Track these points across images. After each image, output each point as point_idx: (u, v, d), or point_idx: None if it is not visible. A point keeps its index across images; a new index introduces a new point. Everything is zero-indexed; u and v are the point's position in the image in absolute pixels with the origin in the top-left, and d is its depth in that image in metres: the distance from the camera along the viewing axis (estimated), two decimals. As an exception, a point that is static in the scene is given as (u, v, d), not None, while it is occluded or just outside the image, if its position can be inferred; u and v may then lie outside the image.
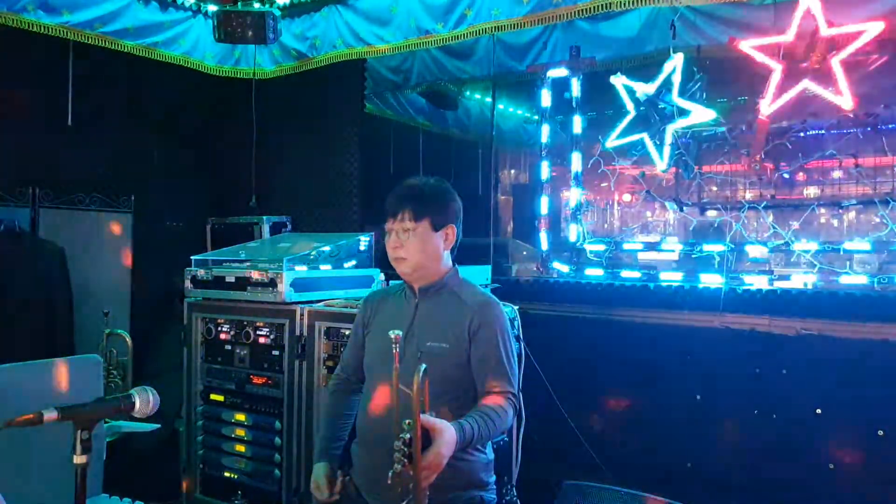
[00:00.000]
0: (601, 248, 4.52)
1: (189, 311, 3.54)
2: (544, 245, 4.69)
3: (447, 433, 1.72)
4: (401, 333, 1.71)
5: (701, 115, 4.18)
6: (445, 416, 1.79)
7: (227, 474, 3.40)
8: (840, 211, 4.70)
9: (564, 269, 4.53)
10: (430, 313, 2.10)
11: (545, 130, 4.78)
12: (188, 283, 3.49)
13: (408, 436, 1.62)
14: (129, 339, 3.89)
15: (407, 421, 1.64)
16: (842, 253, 3.82)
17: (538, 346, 3.36)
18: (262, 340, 3.31)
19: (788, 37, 3.74)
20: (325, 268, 3.41)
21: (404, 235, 2.06)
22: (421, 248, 2.06)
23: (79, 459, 1.51)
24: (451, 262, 2.18)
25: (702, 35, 4.37)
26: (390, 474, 1.65)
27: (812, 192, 5.02)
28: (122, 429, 2.97)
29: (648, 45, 4.67)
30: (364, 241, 3.69)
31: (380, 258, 3.72)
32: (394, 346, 1.68)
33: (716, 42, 4.35)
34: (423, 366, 1.67)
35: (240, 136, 5.29)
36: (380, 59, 5.05)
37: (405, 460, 1.63)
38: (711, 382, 3.55)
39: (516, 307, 3.10)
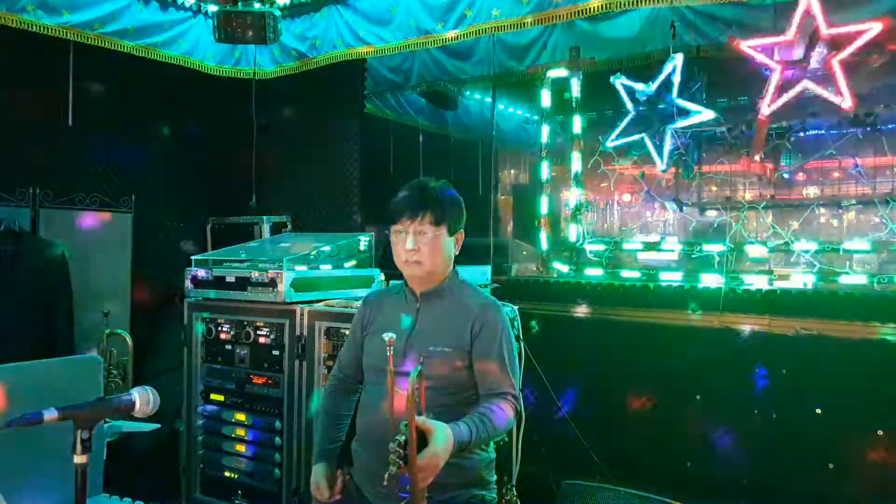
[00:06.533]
0: (601, 248, 4.53)
1: (189, 310, 3.54)
2: (544, 245, 4.69)
3: (443, 435, 1.72)
4: (394, 336, 1.71)
5: (701, 115, 4.19)
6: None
7: (227, 474, 3.40)
8: (840, 211, 4.69)
9: (564, 269, 4.53)
10: (431, 317, 2.09)
11: (545, 130, 4.78)
12: (188, 283, 3.49)
13: (402, 438, 1.62)
14: (129, 339, 3.89)
15: (402, 423, 1.64)
16: (841, 253, 3.82)
17: (538, 346, 3.36)
18: (262, 340, 3.31)
19: (788, 37, 3.74)
20: (325, 268, 3.42)
21: (422, 239, 2.03)
22: (438, 252, 2.05)
23: (79, 459, 1.51)
24: (452, 264, 2.18)
25: (702, 35, 4.37)
26: (386, 476, 1.65)
27: (812, 192, 5.02)
28: (122, 429, 2.97)
29: (648, 46, 4.67)
30: (364, 241, 3.69)
31: (380, 258, 3.72)
32: (388, 348, 1.68)
33: (716, 42, 4.36)
34: (418, 367, 1.67)
35: (240, 136, 5.29)
36: (380, 59, 5.05)
37: (400, 462, 1.63)
38: (711, 382, 3.56)
39: (516, 307, 3.10)
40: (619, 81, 4.41)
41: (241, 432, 3.36)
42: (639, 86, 4.34)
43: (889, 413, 3.12)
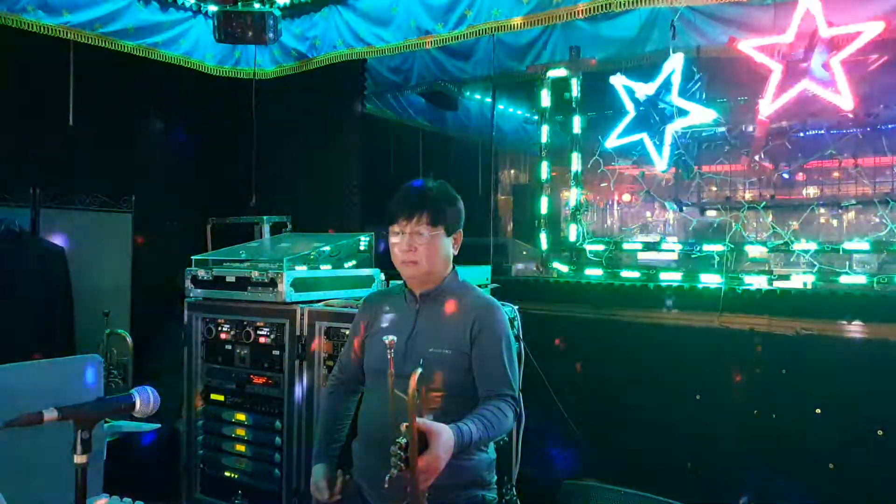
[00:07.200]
0: (601, 248, 4.53)
1: (189, 310, 3.54)
2: (544, 245, 4.69)
3: (444, 436, 1.72)
4: (395, 338, 1.71)
5: (701, 115, 4.19)
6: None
7: (227, 474, 3.40)
8: (839, 211, 4.70)
9: (564, 269, 4.53)
10: (431, 319, 2.09)
11: (545, 130, 4.78)
12: (188, 283, 3.49)
13: (404, 440, 1.62)
14: (129, 339, 3.89)
15: (404, 424, 1.64)
16: (841, 253, 3.82)
17: (538, 346, 3.36)
18: (262, 340, 3.31)
19: (788, 37, 3.74)
20: (325, 268, 3.42)
21: (419, 240, 2.03)
22: (435, 253, 2.05)
23: (79, 459, 1.51)
24: (452, 265, 2.17)
25: (702, 35, 4.37)
26: (387, 478, 1.65)
27: (812, 192, 5.02)
28: (122, 429, 2.97)
29: (648, 45, 4.67)
30: (364, 241, 3.69)
31: (380, 258, 3.72)
32: (388, 351, 1.68)
33: (716, 42, 4.36)
34: (419, 370, 1.66)
35: (240, 136, 5.30)
36: (380, 59, 5.05)
37: (401, 464, 1.62)
38: (711, 382, 3.55)
39: (516, 307, 3.10)
40: (619, 81, 4.41)
41: (241, 432, 3.36)
42: (638, 86, 4.34)
43: (889, 413, 3.12)
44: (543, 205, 4.72)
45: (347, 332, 2.42)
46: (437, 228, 2.04)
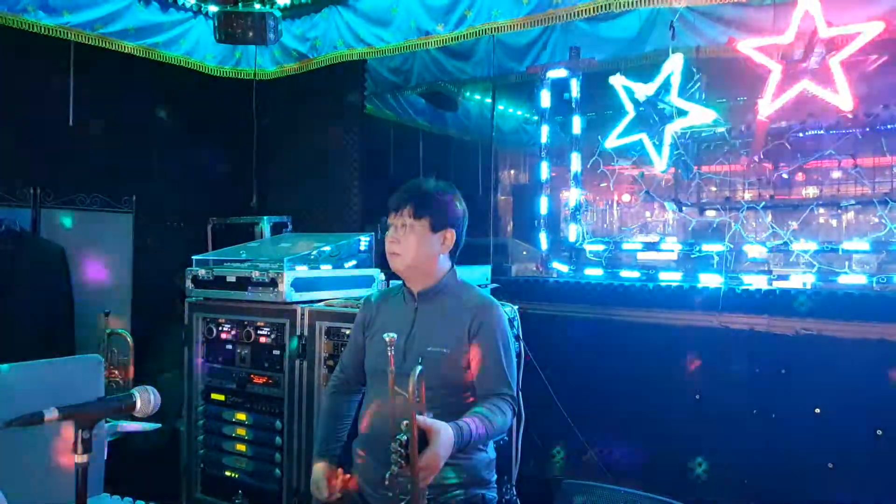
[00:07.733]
0: (600, 248, 4.53)
1: (190, 310, 3.54)
2: (544, 245, 4.69)
3: (444, 434, 1.72)
4: (395, 336, 1.72)
5: (700, 115, 4.18)
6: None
7: (227, 474, 3.40)
8: (839, 211, 4.70)
9: (564, 269, 4.53)
10: (430, 317, 2.10)
11: (545, 131, 4.78)
12: (189, 283, 3.50)
13: (404, 437, 1.63)
14: (129, 339, 3.89)
15: (404, 422, 1.64)
16: (840, 253, 3.82)
17: (538, 346, 3.37)
18: (262, 340, 3.31)
19: (787, 37, 3.75)
20: (326, 268, 3.42)
21: (401, 231, 2.06)
22: (416, 246, 2.06)
23: (80, 459, 1.52)
24: (449, 264, 2.17)
25: (701, 35, 4.38)
26: (387, 475, 1.65)
27: (811, 192, 5.02)
28: (122, 429, 2.97)
29: (648, 46, 4.68)
30: (364, 241, 3.70)
31: (380, 258, 3.73)
32: (389, 348, 1.69)
33: (715, 42, 4.36)
34: (419, 367, 1.67)
35: (240, 136, 5.30)
36: (380, 59, 5.06)
37: (402, 461, 1.63)
38: (711, 382, 3.56)
39: (516, 307, 3.11)
40: (619, 82, 4.41)
41: (241, 432, 3.37)
42: (638, 86, 4.34)
43: (889, 413, 3.12)
44: (543, 205, 4.72)
45: (348, 332, 2.43)
46: (420, 221, 2.05)
